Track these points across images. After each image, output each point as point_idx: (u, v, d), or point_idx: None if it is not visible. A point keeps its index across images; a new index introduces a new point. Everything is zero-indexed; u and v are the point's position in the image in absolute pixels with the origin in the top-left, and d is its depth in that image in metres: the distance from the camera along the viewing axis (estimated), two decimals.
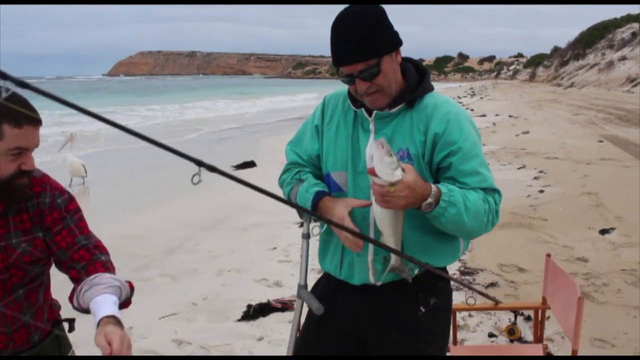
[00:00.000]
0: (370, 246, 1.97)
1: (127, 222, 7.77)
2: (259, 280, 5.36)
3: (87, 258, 1.83)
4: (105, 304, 1.65)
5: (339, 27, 1.88)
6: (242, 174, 11.20)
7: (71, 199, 1.88)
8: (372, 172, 1.75)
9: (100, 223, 8.04)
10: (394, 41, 1.91)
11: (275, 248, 6.28)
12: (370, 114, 1.98)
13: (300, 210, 2.02)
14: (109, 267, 1.84)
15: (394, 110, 1.94)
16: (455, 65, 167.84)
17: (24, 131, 1.66)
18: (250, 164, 11.88)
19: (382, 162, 1.72)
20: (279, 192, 2.08)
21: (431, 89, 2.00)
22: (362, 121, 2.01)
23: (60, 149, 11.04)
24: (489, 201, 1.88)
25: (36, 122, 1.70)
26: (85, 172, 10.53)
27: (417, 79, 1.99)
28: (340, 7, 1.94)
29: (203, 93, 57.65)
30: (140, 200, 9.26)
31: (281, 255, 6.03)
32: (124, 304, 1.77)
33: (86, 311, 1.72)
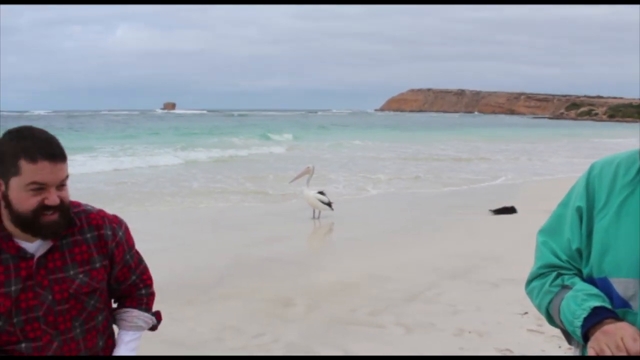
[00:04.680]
0: None
1: (374, 260, 7.59)
2: (502, 350, 4.61)
3: (130, 293, 2.04)
4: (121, 342, 1.99)
5: None
6: (501, 219, 10.50)
7: (127, 230, 1.97)
8: None
9: (347, 258, 8.18)
10: None
11: (526, 313, 5.39)
12: None
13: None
14: (142, 303, 2.05)
15: None
16: None
17: (39, 166, 1.67)
18: (510, 210, 10.94)
19: None
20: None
21: None
22: None
23: (293, 180, 11.35)
24: None
25: (53, 157, 1.69)
26: (329, 205, 10.34)
27: None
28: None
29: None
30: (391, 239, 9.04)
31: (532, 324, 5.13)
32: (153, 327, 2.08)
33: None
